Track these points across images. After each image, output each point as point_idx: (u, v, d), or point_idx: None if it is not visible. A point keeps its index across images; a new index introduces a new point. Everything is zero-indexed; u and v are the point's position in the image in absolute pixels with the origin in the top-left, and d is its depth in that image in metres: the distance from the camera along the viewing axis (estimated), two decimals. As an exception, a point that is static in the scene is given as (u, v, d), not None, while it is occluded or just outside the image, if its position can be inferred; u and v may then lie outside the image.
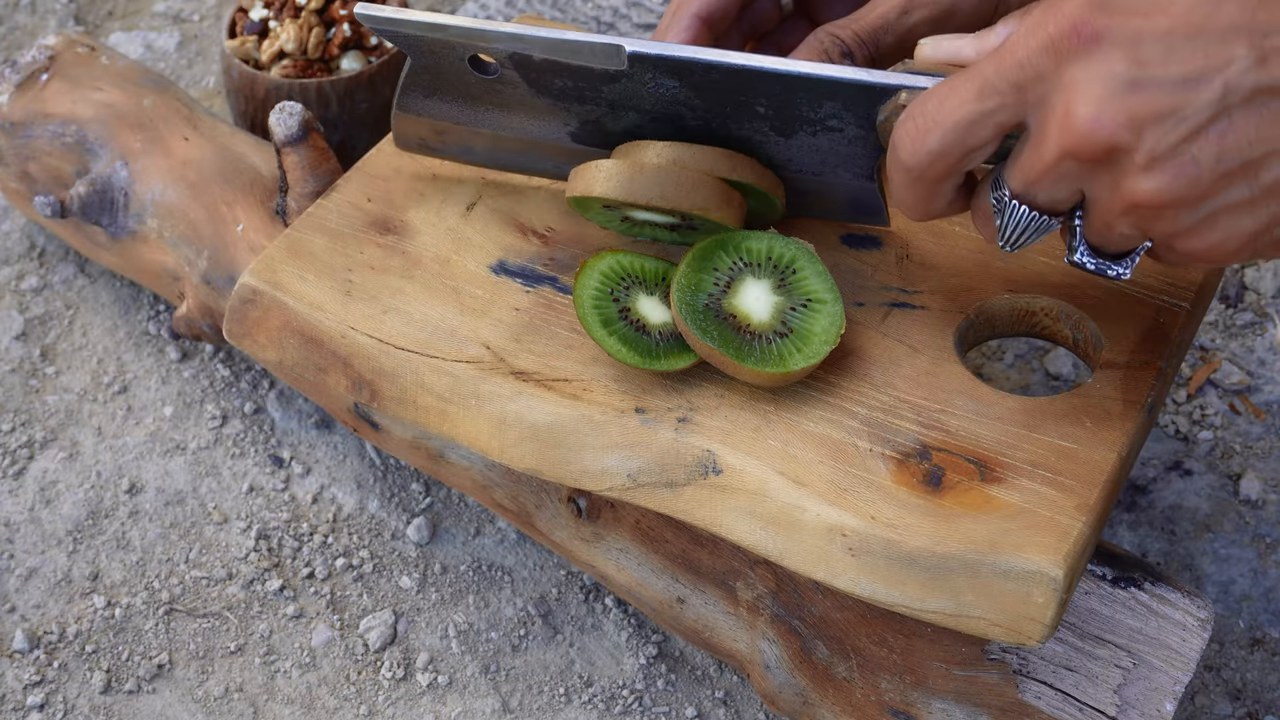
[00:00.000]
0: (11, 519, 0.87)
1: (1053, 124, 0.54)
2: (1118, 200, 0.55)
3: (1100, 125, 0.53)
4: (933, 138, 0.58)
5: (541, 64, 0.69)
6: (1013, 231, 0.59)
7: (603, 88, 0.69)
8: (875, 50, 0.68)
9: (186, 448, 0.91)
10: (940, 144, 0.58)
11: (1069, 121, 0.53)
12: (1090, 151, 0.54)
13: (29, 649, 0.82)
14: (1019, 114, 0.56)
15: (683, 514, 0.65)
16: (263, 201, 0.85)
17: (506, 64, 0.69)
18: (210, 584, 0.85)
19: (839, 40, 0.67)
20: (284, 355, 0.72)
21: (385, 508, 0.88)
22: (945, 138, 0.58)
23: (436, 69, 0.72)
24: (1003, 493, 0.62)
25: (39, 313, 0.97)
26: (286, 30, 0.95)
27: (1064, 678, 0.65)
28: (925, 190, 0.61)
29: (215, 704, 0.80)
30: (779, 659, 0.72)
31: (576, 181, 0.69)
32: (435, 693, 0.81)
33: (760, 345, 0.66)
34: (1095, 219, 0.57)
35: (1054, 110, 0.54)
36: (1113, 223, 0.56)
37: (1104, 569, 0.67)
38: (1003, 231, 0.59)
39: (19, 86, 0.92)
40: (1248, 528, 0.87)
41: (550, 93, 0.70)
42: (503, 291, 0.72)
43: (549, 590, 0.84)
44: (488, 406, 0.68)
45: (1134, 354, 0.68)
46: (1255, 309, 0.97)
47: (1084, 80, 0.53)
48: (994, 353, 0.95)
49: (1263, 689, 0.80)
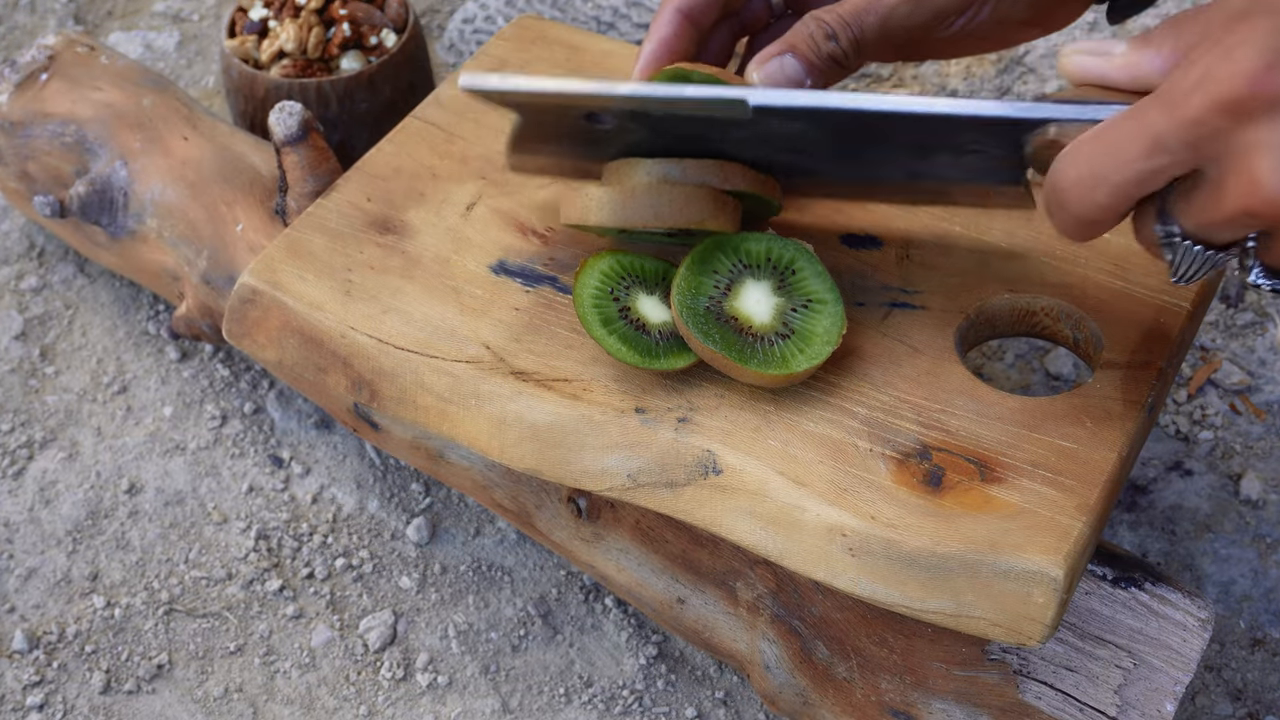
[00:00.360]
0: (11, 519, 0.87)
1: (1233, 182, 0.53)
2: None
3: None
4: (1101, 193, 0.57)
5: (662, 116, 0.66)
6: (1188, 269, 0.58)
7: (728, 130, 0.66)
8: (859, 31, 0.67)
9: (186, 448, 0.91)
10: (1110, 200, 0.57)
11: (1254, 187, 0.52)
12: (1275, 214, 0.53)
13: (29, 649, 0.82)
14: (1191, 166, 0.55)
15: (683, 514, 0.65)
16: (262, 201, 0.85)
17: (625, 118, 0.67)
18: (210, 584, 0.85)
19: (825, 24, 0.67)
20: (284, 355, 0.72)
21: (385, 508, 0.88)
22: (1115, 194, 0.57)
23: (549, 124, 0.69)
24: (1003, 493, 0.62)
25: (39, 313, 0.97)
26: (286, 30, 0.95)
27: (1064, 678, 0.65)
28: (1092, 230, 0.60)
29: (215, 704, 0.80)
30: (779, 659, 0.72)
31: (570, 210, 0.69)
32: (435, 693, 0.81)
33: (762, 347, 0.66)
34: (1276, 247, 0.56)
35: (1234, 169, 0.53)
36: None
37: (1104, 569, 0.67)
38: (1176, 270, 0.59)
39: (19, 86, 0.92)
40: (1248, 528, 0.87)
41: (671, 137, 0.68)
42: (503, 291, 0.72)
43: (549, 590, 0.84)
44: (488, 406, 0.68)
45: (1134, 354, 0.68)
46: (1255, 309, 0.97)
47: (1267, 146, 0.52)
48: (994, 353, 0.95)
49: (1263, 689, 0.80)
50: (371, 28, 0.96)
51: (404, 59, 0.96)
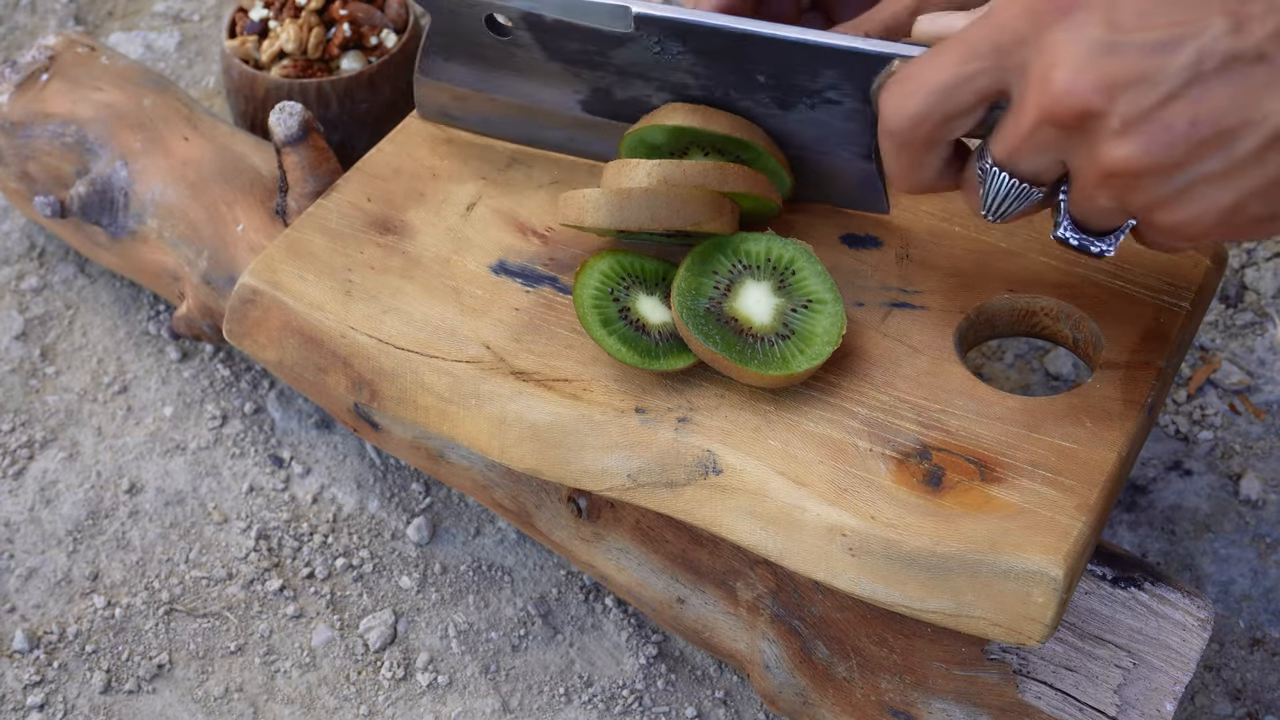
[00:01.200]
0: (11, 519, 0.87)
1: (1031, 89, 0.55)
2: (1094, 168, 0.55)
3: (1075, 89, 0.53)
4: (915, 101, 0.59)
5: (553, 25, 0.71)
6: (994, 200, 0.60)
7: (611, 52, 0.71)
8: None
9: (186, 448, 0.91)
10: (922, 107, 0.59)
11: (1045, 86, 0.54)
12: (1066, 116, 0.54)
13: (29, 649, 0.82)
14: (1000, 80, 0.57)
15: (683, 514, 0.65)
16: (263, 201, 0.85)
17: (520, 24, 0.72)
18: (210, 584, 0.85)
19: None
20: (284, 355, 0.72)
21: (385, 508, 0.88)
22: (927, 100, 0.58)
23: (455, 30, 0.74)
24: (1003, 493, 0.62)
25: (39, 313, 0.97)
26: (286, 30, 0.95)
27: (1064, 678, 0.65)
28: (911, 158, 0.61)
29: (215, 704, 0.80)
30: (779, 659, 0.72)
31: (568, 210, 0.69)
32: (435, 693, 0.81)
33: (762, 348, 0.66)
34: (1076, 191, 0.57)
35: (1032, 76, 0.55)
36: (1092, 194, 0.56)
37: (1104, 569, 0.67)
38: (985, 200, 0.60)
39: (19, 86, 0.92)
40: (1248, 528, 0.87)
41: (562, 56, 0.72)
42: (503, 291, 0.72)
43: (549, 590, 0.84)
44: (488, 406, 0.68)
45: (1134, 354, 0.68)
46: (1255, 309, 0.97)
47: (1061, 44, 0.53)
48: (994, 353, 0.95)
49: (1263, 689, 0.80)
50: (372, 28, 0.97)
51: (404, 59, 0.96)
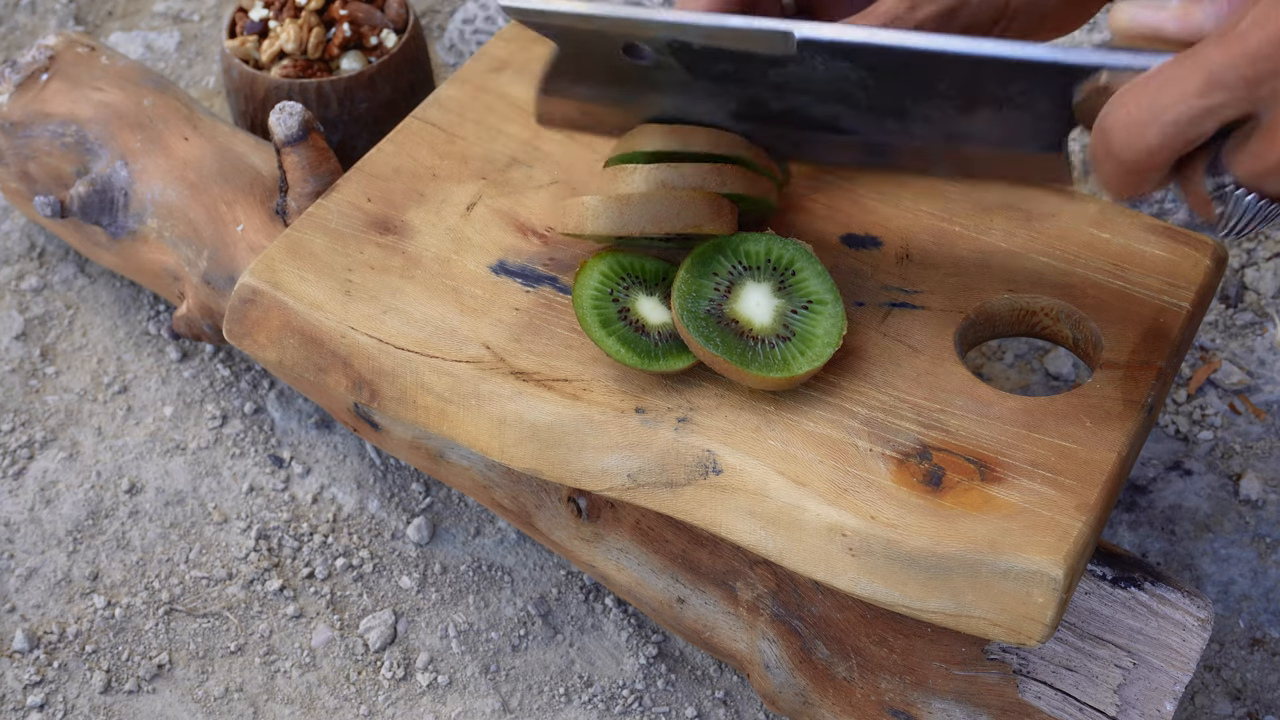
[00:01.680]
0: (11, 519, 0.87)
1: None
2: None
3: None
4: (1151, 133, 0.55)
5: (701, 50, 0.65)
6: (1239, 221, 0.57)
7: (768, 71, 0.65)
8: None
9: (186, 448, 0.91)
10: (1159, 140, 0.55)
11: None
12: None
13: (29, 649, 0.82)
14: (1247, 108, 0.53)
15: (683, 514, 0.65)
16: (263, 201, 0.85)
17: (664, 51, 0.66)
18: (210, 584, 0.85)
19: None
20: (284, 355, 0.72)
21: (385, 508, 0.88)
22: (1165, 133, 0.55)
23: (586, 56, 0.68)
24: (1003, 493, 0.62)
25: (39, 313, 0.97)
26: (286, 30, 0.95)
27: (1064, 678, 0.65)
28: (1139, 181, 0.58)
29: (215, 704, 0.80)
30: (779, 659, 0.72)
31: (567, 219, 0.69)
32: (435, 693, 0.81)
33: (763, 350, 0.66)
34: None
35: None
36: None
37: (1104, 569, 0.67)
38: (1227, 221, 0.57)
39: (19, 86, 0.92)
40: (1248, 528, 0.87)
41: (710, 76, 0.67)
42: (503, 291, 0.72)
43: (549, 590, 0.84)
44: (488, 406, 0.68)
45: (1134, 354, 0.68)
46: (1255, 309, 0.97)
47: None
48: (994, 353, 0.95)
49: (1263, 689, 0.80)
50: (372, 28, 0.97)
51: (404, 59, 0.96)
